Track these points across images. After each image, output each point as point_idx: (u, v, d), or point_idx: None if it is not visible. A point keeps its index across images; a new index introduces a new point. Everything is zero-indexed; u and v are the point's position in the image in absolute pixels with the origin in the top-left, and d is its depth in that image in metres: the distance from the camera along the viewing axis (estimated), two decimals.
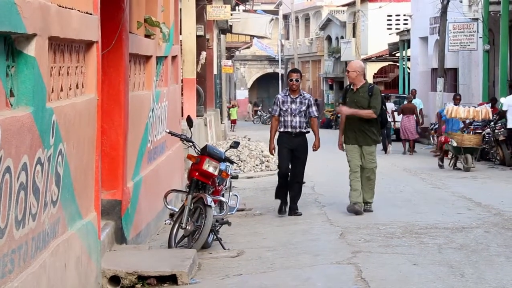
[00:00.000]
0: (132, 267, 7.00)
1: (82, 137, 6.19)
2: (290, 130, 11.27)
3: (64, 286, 5.56)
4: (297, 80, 11.33)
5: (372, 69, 43.76)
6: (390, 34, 40.65)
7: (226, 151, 10.04)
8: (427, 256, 7.95)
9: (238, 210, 10.37)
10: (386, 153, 23.49)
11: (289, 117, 11.25)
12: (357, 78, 11.18)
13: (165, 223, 9.50)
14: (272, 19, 41.23)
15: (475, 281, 6.84)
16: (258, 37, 45.46)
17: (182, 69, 17.26)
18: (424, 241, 8.78)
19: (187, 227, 8.57)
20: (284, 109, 11.28)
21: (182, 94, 16.73)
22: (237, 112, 49.76)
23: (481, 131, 18.91)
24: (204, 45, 22.88)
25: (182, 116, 14.11)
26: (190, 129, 9.65)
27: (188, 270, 7.08)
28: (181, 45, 16.15)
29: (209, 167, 8.80)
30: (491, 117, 18.54)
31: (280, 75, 60.34)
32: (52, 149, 5.33)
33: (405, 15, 41.23)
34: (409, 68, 36.00)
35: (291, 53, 58.28)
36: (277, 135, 11.48)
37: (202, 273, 7.58)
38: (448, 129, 19.39)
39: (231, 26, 34.87)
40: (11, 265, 4.55)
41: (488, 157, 19.41)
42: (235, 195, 10.08)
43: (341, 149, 11.51)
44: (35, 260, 4.97)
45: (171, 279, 6.98)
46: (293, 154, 11.25)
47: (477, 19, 25.02)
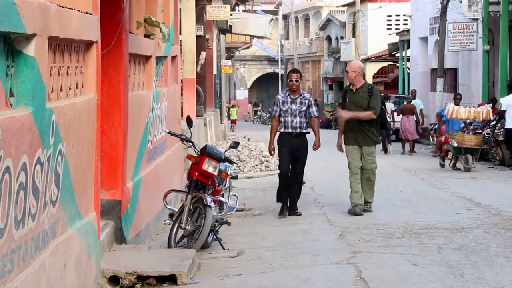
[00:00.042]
0: (132, 267, 7.00)
1: (81, 137, 6.19)
2: (290, 130, 11.24)
3: (64, 286, 5.56)
4: (296, 81, 11.30)
5: (371, 69, 43.77)
6: (390, 34, 40.65)
7: (226, 151, 10.04)
8: (426, 256, 7.95)
9: (237, 210, 10.37)
10: (386, 153, 23.48)
11: (290, 117, 11.23)
12: (356, 78, 11.16)
13: (164, 223, 9.50)
14: (272, 19, 41.22)
15: (474, 281, 6.84)
16: (257, 37, 45.45)
17: (181, 69, 17.26)
18: (424, 241, 8.78)
19: (187, 227, 8.57)
20: (284, 109, 11.26)
21: (182, 94, 16.73)
22: (237, 112, 49.75)
23: (480, 131, 18.90)
24: (204, 45, 22.88)
25: (182, 116, 14.11)
26: (189, 129, 9.65)
27: (187, 270, 7.08)
28: (180, 45, 16.14)
29: (209, 167, 8.80)
30: (491, 118, 18.53)
31: (280, 75, 60.33)
32: (52, 149, 5.33)
33: (404, 15, 41.23)
34: (408, 69, 36.00)
35: (290, 53, 58.28)
36: (277, 135, 11.47)
37: (202, 273, 7.58)
38: (448, 129, 19.38)
39: (230, 26, 34.87)
40: (10, 265, 4.54)
41: (488, 157, 19.40)
42: (235, 195, 10.07)
43: (339, 150, 11.50)
44: (34, 260, 4.97)
45: (171, 279, 6.98)
46: (293, 154, 11.24)
47: (476, 19, 25.02)
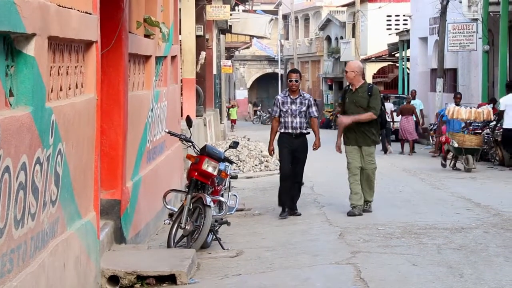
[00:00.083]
0: (131, 267, 7.00)
1: (81, 136, 6.19)
2: (290, 131, 11.20)
3: (63, 285, 5.56)
4: (296, 81, 11.27)
5: (371, 69, 43.77)
6: (390, 35, 40.64)
7: (226, 151, 10.04)
8: (426, 257, 7.95)
9: (237, 210, 10.38)
10: (385, 153, 23.48)
11: (290, 118, 11.19)
12: (356, 78, 11.13)
13: (164, 223, 9.50)
14: (272, 19, 41.23)
15: (474, 281, 6.84)
16: (257, 37, 45.46)
17: (181, 69, 17.27)
18: (423, 242, 8.79)
19: (186, 227, 8.57)
20: (284, 110, 11.22)
21: (182, 94, 16.74)
22: (237, 112, 49.74)
23: (480, 131, 18.89)
24: (204, 45, 22.90)
25: (182, 116, 14.12)
26: (189, 129, 9.65)
27: (187, 270, 7.08)
28: (180, 45, 16.14)
29: (208, 167, 8.80)
30: (492, 118, 18.51)
31: (280, 75, 60.33)
32: (51, 148, 5.33)
33: (404, 16, 41.22)
34: (408, 69, 36.00)
35: (290, 53, 58.28)
36: (277, 136, 11.43)
37: (201, 273, 7.58)
38: (449, 129, 19.34)
39: (230, 26, 34.88)
40: (10, 265, 4.55)
41: (488, 157, 19.39)
42: (234, 195, 10.07)
43: (337, 151, 11.44)
44: (34, 259, 4.97)
45: (170, 279, 6.98)
46: (293, 155, 11.20)
47: (476, 20, 25.02)
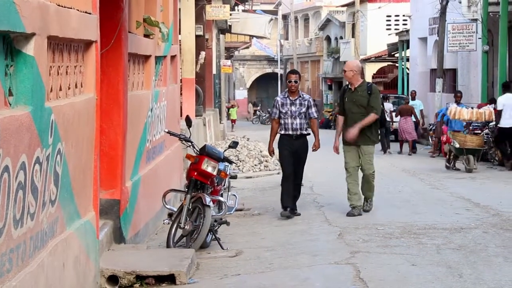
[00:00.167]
0: (131, 266, 7.00)
1: (80, 136, 6.19)
2: (291, 132, 11.14)
3: (62, 285, 5.56)
4: (296, 82, 11.21)
5: (371, 69, 43.78)
6: (389, 35, 40.64)
7: (225, 151, 10.04)
8: (425, 257, 7.95)
9: (236, 210, 10.37)
10: (385, 153, 23.48)
11: (289, 119, 11.13)
12: (354, 77, 11.08)
13: (163, 223, 9.50)
14: (272, 19, 41.25)
15: (473, 281, 6.84)
16: (257, 37, 45.48)
17: (181, 69, 17.27)
18: (423, 242, 8.79)
19: (186, 227, 8.56)
20: (284, 111, 11.16)
21: (181, 94, 16.74)
22: (237, 112, 49.72)
23: (480, 131, 18.87)
24: (203, 45, 22.90)
25: (181, 116, 14.11)
26: (189, 129, 9.65)
27: (186, 270, 7.08)
28: (180, 45, 16.14)
29: (208, 167, 8.80)
30: (494, 118, 18.48)
31: (279, 75, 60.33)
32: (51, 148, 5.33)
33: (404, 16, 41.24)
34: (408, 69, 36.01)
35: (290, 53, 58.28)
36: (277, 136, 11.39)
37: (201, 272, 7.58)
38: (450, 129, 19.29)
39: (230, 26, 34.88)
40: (9, 265, 4.55)
41: (487, 157, 19.38)
42: (234, 195, 10.06)
43: (335, 152, 11.40)
44: (33, 259, 4.97)
45: (169, 278, 6.98)
46: (294, 156, 11.15)
47: (476, 20, 25.02)
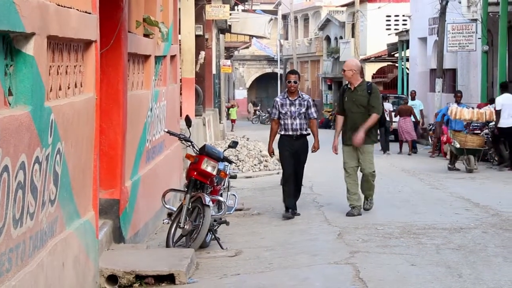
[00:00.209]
0: (130, 266, 7.00)
1: (80, 136, 6.19)
2: (291, 133, 11.11)
3: (62, 285, 5.56)
4: (295, 82, 11.17)
5: (371, 69, 43.77)
6: (389, 35, 40.63)
7: (225, 150, 10.04)
8: (425, 257, 7.95)
9: (236, 210, 10.37)
10: (384, 153, 23.49)
11: (289, 120, 11.10)
12: (354, 76, 11.04)
13: (163, 223, 9.50)
14: (271, 19, 41.25)
15: (472, 281, 6.84)
16: (257, 37, 45.48)
17: (181, 68, 17.27)
18: (422, 242, 8.79)
19: (185, 227, 8.56)
20: (284, 112, 11.13)
21: (181, 94, 16.74)
22: (237, 112, 49.71)
23: (479, 131, 18.86)
24: (203, 45, 22.91)
25: (181, 115, 14.12)
26: (188, 128, 9.65)
27: (186, 270, 7.08)
28: (180, 44, 16.14)
29: (208, 166, 8.80)
30: (494, 119, 18.46)
31: (279, 75, 60.33)
32: (50, 148, 5.33)
33: (404, 16, 41.24)
34: (407, 69, 36.00)
35: (290, 53, 58.28)
36: (277, 137, 11.37)
37: (200, 272, 7.58)
38: (451, 129, 19.26)
39: (230, 26, 34.89)
40: (8, 264, 4.55)
41: (486, 157, 19.37)
42: (233, 194, 10.06)
43: (334, 152, 11.37)
44: (32, 259, 4.97)
45: (169, 278, 6.98)
46: (294, 156, 11.14)
47: (475, 20, 25.02)
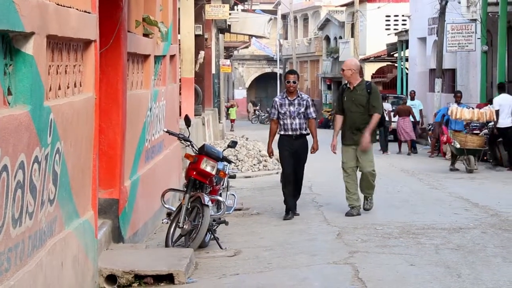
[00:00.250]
0: (129, 266, 7.00)
1: (79, 135, 6.19)
2: (291, 133, 11.10)
3: (61, 284, 5.56)
4: (294, 82, 11.15)
5: (370, 69, 43.76)
6: (389, 35, 40.63)
7: (224, 150, 10.03)
8: (424, 257, 7.95)
9: (235, 210, 10.37)
10: (384, 153, 23.49)
11: (289, 119, 11.09)
12: (353, 76, 11.04)
13: (162, 222, 9.49)
14: (271, 19, 41.27)
15: (471, 281, 6.84)
16: (256, 36, 45.51)
17: (180, 68, 17.27)
18: (421, 242, 8.79)
19: (184, 226, 8.56)
20: (283, 112, 11.12)
21: (180, 94, 16.74)
22: (236, 111, 49.70)
23: (478, 131, 18.86)
24: (203, 45, 22.90)
25: (180, 115, 14.11)
26: (188, 128, 9.65)
27: (185, 269, 7.08)
28: (179, 44, 16.14)
29: (207, 166, 8.80)
30: (494, 119, 18.45)
31: (279, 75, 60.32)
32: (50, 147, 5.33)
33: (403, 16, 41.20)
34: (407, 69, 36.01)
35: (289, 53, 58.28)
36: (277, 137, 11.36)
37: (199, 272, 7.58)
38: (451, 129, 19.25)
39: (229, 26, 34.88)
40: (7, 264, 4.54)
41: (486, 157, 19.37)
42: (233, 194, 10.07)
43: (333, 151, 11.36)
44: (31, 258, 4.97)
45: (168, 278, 6.98)
46: (294, 156, 11.13)
47: (475, 20, 25.02)
